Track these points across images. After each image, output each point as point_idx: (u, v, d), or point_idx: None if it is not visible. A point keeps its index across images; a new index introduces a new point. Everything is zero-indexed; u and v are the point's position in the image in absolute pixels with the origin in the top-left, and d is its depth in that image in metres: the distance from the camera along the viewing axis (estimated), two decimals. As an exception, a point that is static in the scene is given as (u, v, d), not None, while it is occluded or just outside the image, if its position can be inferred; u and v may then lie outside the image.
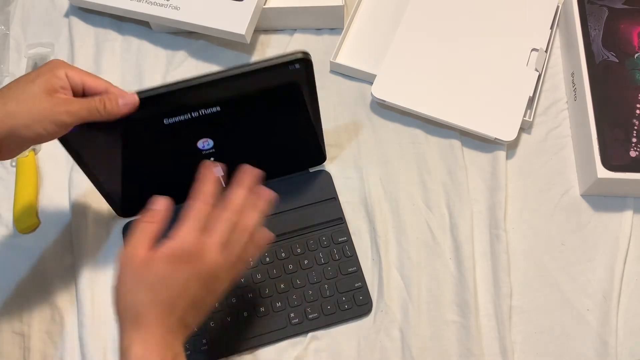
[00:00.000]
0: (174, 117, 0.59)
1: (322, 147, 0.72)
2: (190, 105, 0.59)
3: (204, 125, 0.62)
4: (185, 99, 0.58)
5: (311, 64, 0.60)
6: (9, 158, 0.54)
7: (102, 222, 0.71)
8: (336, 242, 0.69)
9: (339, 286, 0.67)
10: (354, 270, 0.67)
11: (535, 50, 0.77)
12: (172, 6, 0.78)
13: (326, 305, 0.66)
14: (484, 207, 0.71)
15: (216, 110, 0.60)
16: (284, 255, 0.68)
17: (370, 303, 0.66)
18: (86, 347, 0.64)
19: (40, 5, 0.87)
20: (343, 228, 0.70)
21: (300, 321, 0.64)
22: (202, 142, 0.64)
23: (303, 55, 0.58)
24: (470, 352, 0.63)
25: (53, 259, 0.69)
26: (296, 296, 0.66)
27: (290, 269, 0.67)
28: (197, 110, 0.60)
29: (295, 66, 0.59)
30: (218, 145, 0.65)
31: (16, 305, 0.67)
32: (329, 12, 0.81)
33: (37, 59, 0.82)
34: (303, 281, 0.67)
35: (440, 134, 0.75)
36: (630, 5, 0.78)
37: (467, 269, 0.66)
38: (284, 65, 0.58)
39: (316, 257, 0.68)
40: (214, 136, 0.64)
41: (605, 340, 0.64)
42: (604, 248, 0.69)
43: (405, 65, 0.77)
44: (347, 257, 0.68)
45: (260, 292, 0.66)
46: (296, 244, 0.68)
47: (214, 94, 0.59)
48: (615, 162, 0.68)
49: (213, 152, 0.65)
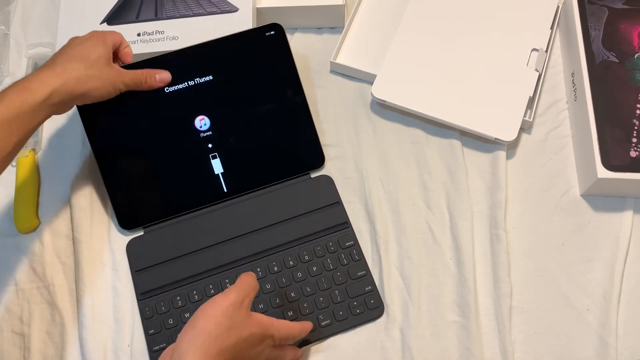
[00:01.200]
0: (173, 85, 0.69)
1: (319, 144, 0.73)
2: (187, 71, 0.70)
3: (200, 97, 0.70)
4: (181, 62, 0.70)
5: (283, 31, 0.71)
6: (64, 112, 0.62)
7: (102, 222, 0.71)
8: (343, 247, 0.69)
9: (349, 291, 0.66)
10: (363, 275, 0.67)
11: (536, 50, 0.77)
12: (169, 37, 0.77)
13: (338, 311, 0.65)
14: (484, 207, 0.71)
15: (209, 79, 0.70)
16: (292, 264, 0.68)
17: (381, 306, 0.66)
18: (86, 347, 0.64)
19: (40, 5, 0.87)
20: (349, 232, 0.70)
21: (314, 329, 0.63)
22: (200, 121, 0.70)
23: (275, 24, 0.71)
24: (470, 352, 0.63)
25: (53, 259, 0.69)
26: (307, 304, 0.66)
27: (299, 277, 0.67)
28: (192, 79, 0.70)
29: (271, 32, 0.71)
30: (214, 127, 0.70)
31: (16, 305, 0.67)
32: (329, 11, 0.81)
33: (37, 59, 0.82)
34: (313, 288, 0.66)
35: (440, 134, 0.75)
36: (630, 5, 0.78)
37: (467, 269, 0.66)
38: (260, 30, 0.71)
39: (324, 263, 0.68)
40: (210, 113, 0.70)
41: (605, 340, 0.64)
42: (604, 248, 0.69)
43: (405, 65, 0.76)
44: (356, 261, 0.68)
45: (271, 303, 0.66)
46: (303, 251, 0.68)
47: (205, 58, 0.70)
48: (615, 162, 0.68)
49: (210, 135, 0.70)
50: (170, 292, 0.66)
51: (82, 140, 0.75)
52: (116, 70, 0.64)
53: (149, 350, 0.64)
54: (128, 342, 0.65)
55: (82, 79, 0.60)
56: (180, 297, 0.66)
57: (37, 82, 0.58)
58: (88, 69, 0.61)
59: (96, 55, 0.62)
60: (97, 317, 0.66)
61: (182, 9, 0.79)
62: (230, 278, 0.67)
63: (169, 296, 0.66)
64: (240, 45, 0.71)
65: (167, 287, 0.67)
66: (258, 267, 0.68)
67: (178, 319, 0.65)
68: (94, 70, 0.61)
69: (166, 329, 0.65)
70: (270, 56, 0.72)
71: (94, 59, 0.61)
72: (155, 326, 0.65)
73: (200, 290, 0.66)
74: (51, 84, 0.58)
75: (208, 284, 0.67)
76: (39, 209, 0.72)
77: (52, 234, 0.71)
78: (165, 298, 0.66)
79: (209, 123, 0.70)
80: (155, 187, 0.70)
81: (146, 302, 0.66)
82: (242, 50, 0.71)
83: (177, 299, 0.66)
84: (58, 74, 0.59)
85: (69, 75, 0.59)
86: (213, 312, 0.51)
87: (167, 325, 0.65)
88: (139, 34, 0.78)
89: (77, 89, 0.60)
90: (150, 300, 0.66)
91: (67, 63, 0.60)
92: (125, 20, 0.79)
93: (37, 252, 0.69)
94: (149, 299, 0.66)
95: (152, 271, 0.67)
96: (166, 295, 0.66)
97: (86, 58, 0.61)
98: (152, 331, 0.65)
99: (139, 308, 0.66)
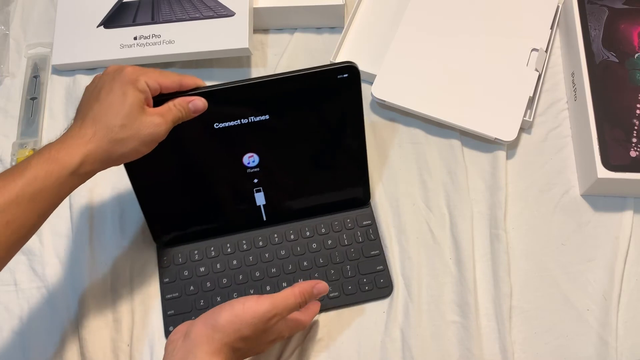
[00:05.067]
0: (224, 121, 0.61)
1: (368, 186, 0.70)
2: (241, 109, 0.61)
3: (252, 135, 0.63)
4: (235, 99, 0.60)
5: (358, 74, 0.61)
6: None
7: (102, 222, 0.71)
8: (360, 225, 0.70)
9: (360, 267, 0.68)
10: (376, 254, 0.68)
11: (535, 50, 0.77)
12: (165, 41, 0.77)
13: (347, 285, 0.67)
14: (484, 207, 0.71)
15: (265, 118, 0.62)
16: (309, 234, 0.69)
17: (390, 286, 0.67)
18: (86, 347, 0.64)
19: (40, 5, 0.87)
20: (368, 212, 0.71)
21: (321, 299, 0.65)
22: (248, 158, 0.65)
23: (350, 64, 0.60)
24: (470, 352, 0.63)
25: (53, 259, 0.69)
26: (318, 274, 0.67)
27: (313, 248, 0.69)
28: (246, 117, 0.62)
29: (344, 75, 0.60)
30: (263, 164, 0.65)
31: (16, 305, 0.67)
32: (329, 11, 0.81)
33: (37, 59, 0.82)
34: (326, 260, 0.68)
35: (440, 134, 0.75)
36: (630, 5, 0.78)
37: (467, 269, 0.66)
38: (331, 72, 0.60)
39: (340, 238, 0.69)
40: (260, 151, 0.65)
41: (605, 340, 0.64)
42: (604, 248, 0.69)
43: (405, 65, 0.76)
44: (371, 240, 0.69)
45: (283, 268, 0.68)
46: (321, 224, 0.70)
47: (263, 96, 0.61)
48: (615, 162, 0.68)
49: (257, 171, 0.66)
50: (189, 245, 0.69)
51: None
52: (151, 119, 0.52)
53: (162, 298, 0.67)
54: (128, 342, 0.65)
55: (117, 141, 0.50)
56: (198, 251, 0.68)
57: (65, 151, 0.49)
58: (122, 128, 0.50)
59: (128, 105, 0.51)
60: (97, 317, 0.66)
61: (178, 13, 0.79)
62: (247, 239, 0.69)
63: (187, 249, 0.68)
64: (307, 85, 0.61)
65: (185, 240, 0.69)
66: (275, 233, 0.69)
67: (193, 272, 0.67)
68: (129, 128, 0.51)
69: (180, 280, 0.67)
70: (338, 100, 0.63)
71: (126, 112, 0.51)
72: (170, 275, 0.67)
73: (217, 248, 0.69)
74: (80, 152, 0.49)
75: (225, 243, 0.69)
76: (39, 209, 0.72)
77: (52, 234, 0.71)
78: (184, 251, 0.68)
79: (258, 161, 0.65)
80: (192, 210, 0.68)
81: (165, 251, 0.68)
82: (308, 91, 0.62)
83: (195, 252, 0.68)
84: (87, 139, 0.50)
85: (100, 140, 0.50)
86: (239, 317, 0.52)
87: (182, 277, 0.67)
88: (136, 37, 0.78)
89: (112, 155, 0.51)
90: (169, 251, 0.68)
91: (96, 122, 0.51)
92: (122, 23, 0.79)
93: (37, 252, 0.69)
94: (167, 249, 0.69)
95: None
96: (184, 248, 0.69)
97: (117, 112, 0.50)
98: (166, 280, 0.67)
99: (157, 255, 0.68)
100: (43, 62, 0.82)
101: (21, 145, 0.76)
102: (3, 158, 0.76)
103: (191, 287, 0.67)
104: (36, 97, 0.80)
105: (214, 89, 0.58)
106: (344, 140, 0.66)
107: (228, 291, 0.67)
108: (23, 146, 0.76)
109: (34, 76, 0.81)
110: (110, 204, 0.72)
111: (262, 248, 0.69)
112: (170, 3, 0.80)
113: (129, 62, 0.77)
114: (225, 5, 0.79)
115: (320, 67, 0.60)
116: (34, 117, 0.78)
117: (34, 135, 0.77)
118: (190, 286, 0.67)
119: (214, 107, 0.58)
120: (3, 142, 0.77)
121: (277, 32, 0.84)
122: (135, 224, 0.71)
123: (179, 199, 0.67)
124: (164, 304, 0.66)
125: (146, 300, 0.67)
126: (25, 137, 0.77)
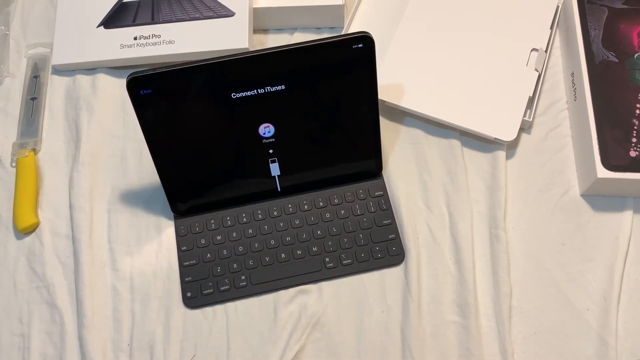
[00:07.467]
0: (241, 91, 0.63)
1: (380, 157, 0.71)
2: (257, 79, 0.62)
3: (268, 105, 0.64)
4: (252, 69, 0.61)
5: (373, 44, 0.62)
6: None
7: (102, 222, 0.71)
8: (372, 196, 0.71)
9: (373, 236, 0.69)
10: (388, 223, 0.70)
11: (535, 50, 0.77)
12: (165, 41, 0.77)
13: (360, 253, 0.68)
14: (483, 207, 0.71)
15: (281, 88, 0.63)
16: (322, 204, 0.71)
17: (402, 254, 0.68)
18: (86, 347, 0.64)
19: (40, 5, 0.87)
20: (380, 183, 0.72)
21: (335, 265, 0.67)
22: (264, 128, 0.66)
23: (365, 34, 0.61)
24: (470, 352, 0.63)
25: (53, 259, 0.69)
26: (332, 242, 0.69)
27: (327, 217, 0.70)
28: (263, 87, 0.63)
29: (359, 45, 0.62)
30: (278, 134, 0.67)
31: (15, 305, 0.67)
32: (329, 11, 0.81)
33: (37, 59, 0.82)
34: (339, 229, 0.69)
35: (440, 134, 0.75)
36: (630, 5, 0.78)
37: (467, 269, 0.66)
38: (347, 42, 0.61)
39: (352, 208, 0.71)
40: (276, 121, 0.66)
41: (605, 340, 0.64)
42: (604, 248, 0.69)
43: (405, 65, 0.77)
44: (383, 210, 0.70)
45: (297, 237, 0.69)
46: (334, 194, 0.71)
47: (280, 66, 0.62)
48: (615, 162, 0.68)
49: (273, 142, 0.67)
50: (205, 215, 0.70)
51: (83, 140, 0.75)
52: None
53: (180, 266, 0.68)
54: (128, 342, 0.65)
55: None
56: (215, 220, 0.70)
57: None
58: None
59: None
60: (97, 317, 0.66)
61: (178, 13, 0.79)
62: (262, 209, 0.71)
63: (203, 219, 0.70)
64: (322, 55, 0.62)
65: (202, 210, 0.70)
66: (289, 204, 0.71)
67: (210, 240, 0.69)
68: None
69: (198, 248, 0.69)
70: (353, 71, 0.64)
71: None
72: (188, 244, 0.69)
73: (233, 217, 0.70)
74: None
75: (241, 213, 0.70)
76: (39, 209, 0.72)
77: (51, 234, 0.71)
78: (200, 220, 0.70)
79: (273, 131, 0.66)
80: (209, 179, 0.69)
81: (182, 221, 0.70)
82: (323, 61, 0.62)
83: (212, 221, 0.70)
84: None
85: None
86: None
87: (199, 245, 0.69)
88: (136, 37, 0.78)
89: None
90: (186, 220, 0.70)
91: None
92: (122, 23, 0.79)
93: (37, 252, 0.69)
94: (184, 219, 0.70)
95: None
96: (201, 218, 0.70)
97: None
98: (184, 248, 0.69)
99: (175, 225, 0.70)
100: (43, 62, 0.82)
101: (21, 145, 0.76)
102: (3, 158, 0.76)
103: (208, 254, 0.68)
104: (36, 97, 0.80)
105: (232, 58, 0.60)
106: (358, 111, 0.67)
107: (244, 258, 0.68)
108: (23, 146, 0.76)
109: (34, 76, 0.81)
110: (110, 203, 0.72)
111: (277, 217, 0.70)
112: (170, 3, 0.80)
113: (128, 62, 0.78)
114: (225, 5, 0.79)
115: (336, 37, 0.61)
116: (34, 117, 0.78)
117: (34, 136, 0.77)
118: (207, 254, 0.68)
119: (232, 77, 0.61)
120: (3, 142, 0.77)
121: (277, 32, 0.84)
122: (136, 224, 0.71)
123: (196, 168, 0.68)
124: (181, 271, 0.68)
125: (146, 300, 0.67)
126: (25, 137, 0.77)
